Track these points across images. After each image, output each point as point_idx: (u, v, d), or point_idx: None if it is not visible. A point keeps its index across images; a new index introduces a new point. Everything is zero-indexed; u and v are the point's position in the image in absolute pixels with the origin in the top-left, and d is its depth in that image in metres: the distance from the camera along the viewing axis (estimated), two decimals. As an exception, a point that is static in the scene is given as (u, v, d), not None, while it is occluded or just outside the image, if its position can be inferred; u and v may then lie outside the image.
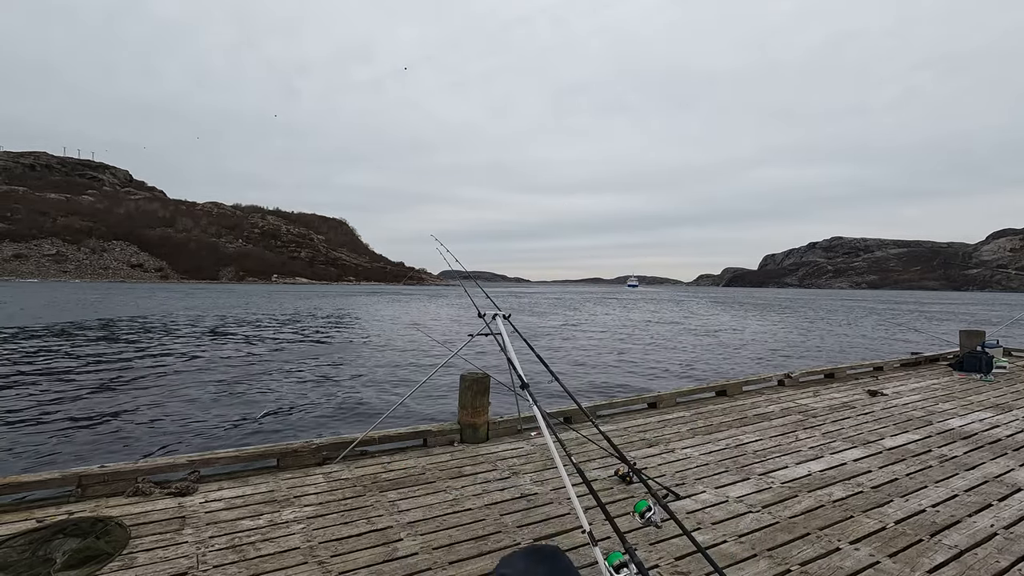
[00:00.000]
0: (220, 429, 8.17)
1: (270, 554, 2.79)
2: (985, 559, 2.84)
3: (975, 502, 3.56)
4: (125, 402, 9.81)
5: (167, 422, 8.48)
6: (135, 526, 3.03)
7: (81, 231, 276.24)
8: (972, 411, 6.07)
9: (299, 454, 4.15)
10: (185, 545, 2.86)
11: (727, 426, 5.39)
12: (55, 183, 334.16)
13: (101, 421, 8.47)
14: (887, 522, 3.25)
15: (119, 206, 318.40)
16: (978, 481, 3.94)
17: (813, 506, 3.50)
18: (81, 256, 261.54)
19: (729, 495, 3.67)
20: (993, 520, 3.29)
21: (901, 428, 5.36)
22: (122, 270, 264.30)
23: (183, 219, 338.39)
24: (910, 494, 3.70)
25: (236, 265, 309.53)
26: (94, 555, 2.69)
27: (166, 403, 9.83)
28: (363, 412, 9.31)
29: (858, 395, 6.86)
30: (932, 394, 6.97)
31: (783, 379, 7.55)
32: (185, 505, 3.34)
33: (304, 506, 3.40)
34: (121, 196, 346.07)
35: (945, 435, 5.12)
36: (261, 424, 8.40)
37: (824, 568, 2.74)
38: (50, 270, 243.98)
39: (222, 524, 3.11)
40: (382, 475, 3.97)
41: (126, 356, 16.09)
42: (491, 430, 4.87)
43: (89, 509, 3.24)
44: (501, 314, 3.35)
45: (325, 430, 8.19)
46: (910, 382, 7.79)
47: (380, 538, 3.00)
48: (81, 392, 10.63)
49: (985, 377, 8.04)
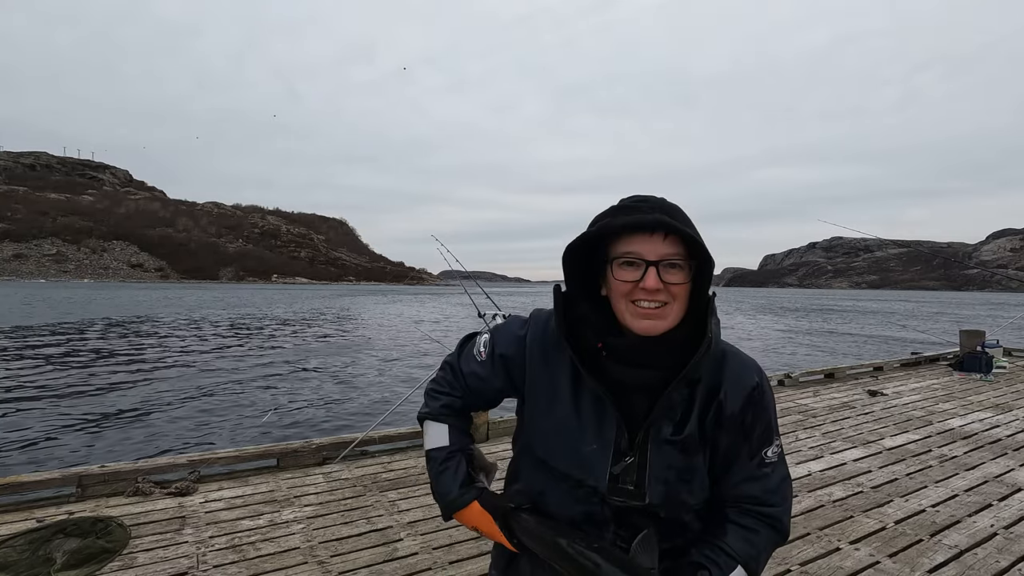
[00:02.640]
0: (220, 429, 8.18)
1: (270, 554, 2.79)
2: (985, 559, 2.83)
3: (975, 502, 3.56)
4: (125, 402, 9.82)
5: (167, 422, 8.49)
6: (135, 526, 3.03)
7: (81, 231, 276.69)
8: (972, 411, 6.06)
9: (299, 454, 4.15)
10: (185, 545, 2.85)
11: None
12: (55, 183, 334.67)
13: (101, 421, 8.48)
14: (887, 522, 3.25)
15: (119, 206, 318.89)
16: (978, 481, 3.93)
17: (813, 506, 3.49)
18: (81, 256, 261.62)
19: (729, 495, 3.67)
20: (993, 520, 3.29)
21: (901, 428, 5.36)
22: (122, 270, 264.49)
23: (183, 219, 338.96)
24: (910, 494, 3.70)
25: (236, 265, 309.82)
26: (94, 555, 2.69)
27: (166, 403, 9.84)
28: (363, 412, 9.32)
29: (858, 395, 6.86)
30: (932, 394, 6.97)
31: (783, 379, 7.55)
32: (185, 505, 3.34)
33: (304, 506, 3.39)
34: (121, 196, 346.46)
35: (945, 435, 5.12)
36: (261, 424, 8.40)
37: (824, 568, 2.74)
38: (50, 270, 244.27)
39: (222, 524, 3.11)
40: (382, 475, 3.97)
41: (126, 356, 16.10)
42: (491, 430, 4.88)
43: (89, 509, 3.24)
44: (501, 314, 3.35)
45: (325, 430, 8.19)
46: (910, 382, 7.79)
47: (380, 538, 3.00)
48: (81, 392, 10.63)
49: (985, 377, 8.04)
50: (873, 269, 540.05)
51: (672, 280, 0.90)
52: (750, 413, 0.98)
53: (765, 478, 0.99)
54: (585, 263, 0.98)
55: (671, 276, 0.90)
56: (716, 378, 0.99)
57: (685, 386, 0.96)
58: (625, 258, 0.90)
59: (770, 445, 1.00)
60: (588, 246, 0.96)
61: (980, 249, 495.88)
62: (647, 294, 0.89)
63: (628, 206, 0.94)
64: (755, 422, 0.99)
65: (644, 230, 0.90)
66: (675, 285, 0.90)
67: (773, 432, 1.01)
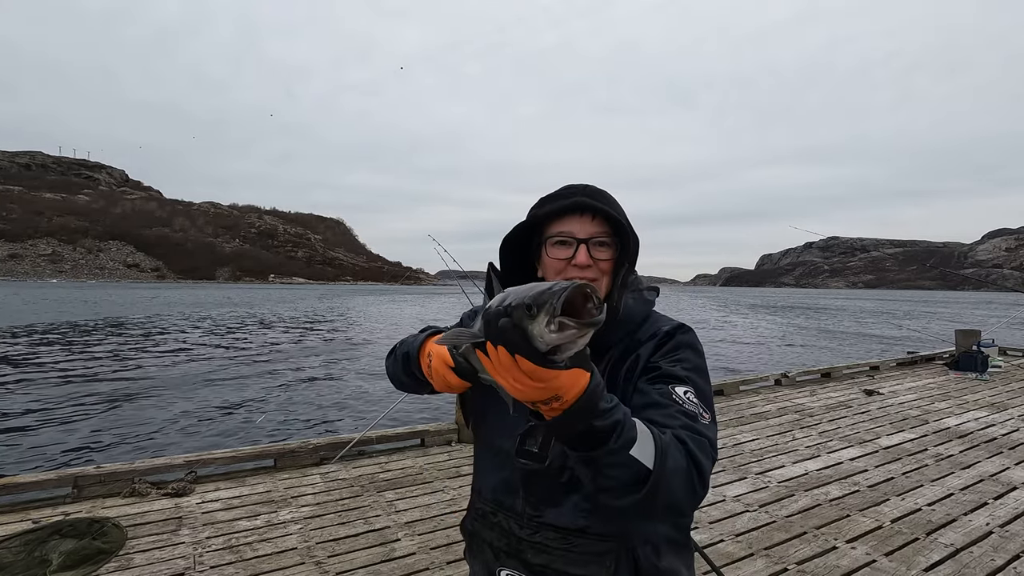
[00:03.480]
0: (217, 429, 8.15)
1: (267, 555, 2.79)
2: (980, 557, 2.85)
3: (971, 501, 3.57)
4: (121, 402, 9.78)
5: (164, 422, 8.46)
6: (132, 527, 3.02)
7: (77, 231, 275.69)
8: (968, 410, 6.09)
9: (296, 454, 4.14)
10: (182, 546, 2.85)
11: (724, 425, 5.40)
12: (51, 183, 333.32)
13: (97, 421, 8.45)
14: (883, 521, 3.26)
15: (115, 206, 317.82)
16: (974, 480, 3.95)
17: (810, 505, 3.51)
18: (77, 256, 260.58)
19: (726, 494, 3.68)
20: (988, 518, 3.30)
21: (897, 427, 5.38)
22: (118, 270, 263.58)
23: (179, 219, 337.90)
24: (906, 493, 3.71)
25: (233, 265, 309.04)
26: (90, 556, 2.68)
27: (163, 403, 9.81)
28: (360, 412, 9.31)
29: (854, 394, 6.88)
30: (928, 393, 6.99)
31: (780, 378, 7.57)
32: (182, 506, 3.33)
33: (301, 506, 3.39)
34: (117, 196, 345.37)
35: (941, 434, 5.14)
36: (258, 424, 8.38)
37: (821, 567, 2.74)
38: (45, 270, 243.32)
39: (219, 525, 3.10)
40: (380, 475, 3.96)
41: (121, 355, 16.05)
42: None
43: (85, 510, 3.23)
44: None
45: (322, 430, 8.18)
46: (906, 381, 7.82)
47: (378, 538, 3.00)
48: (77, 393, 10.59)
49: (980, 376, 8.07)
50: (869, 269, 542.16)
51: (600, 256, 1.00)
52: (660, 357, 0.97)
53: (669, 408, 0.88)
54: (520, 253, 1.09)
55: (599, 253, 1.00)
56: (632, 340, 1.02)
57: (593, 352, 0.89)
58: (558, 237, 1.00)
59: (682, 384, 0.92)
60: (525, 235, 1.06)
61: (976, 249, 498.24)
62: (579, 270, 0.98)
63: (558, 193, 1.06)
64: (663, 363, 0.96)
65: (574, 212, 1.00)
66: (603, 261, 1.00)
67: (690, 378, 0.94)
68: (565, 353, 0.66)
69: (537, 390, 0.67)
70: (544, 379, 0.65)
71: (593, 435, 0.71)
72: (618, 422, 0.72)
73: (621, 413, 0.74)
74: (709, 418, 0.91)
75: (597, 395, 0.70)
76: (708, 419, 0.90)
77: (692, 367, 0.97)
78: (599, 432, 0.71)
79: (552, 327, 0.62)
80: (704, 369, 1.00)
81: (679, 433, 0.83)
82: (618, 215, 1.00)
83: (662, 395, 0.91)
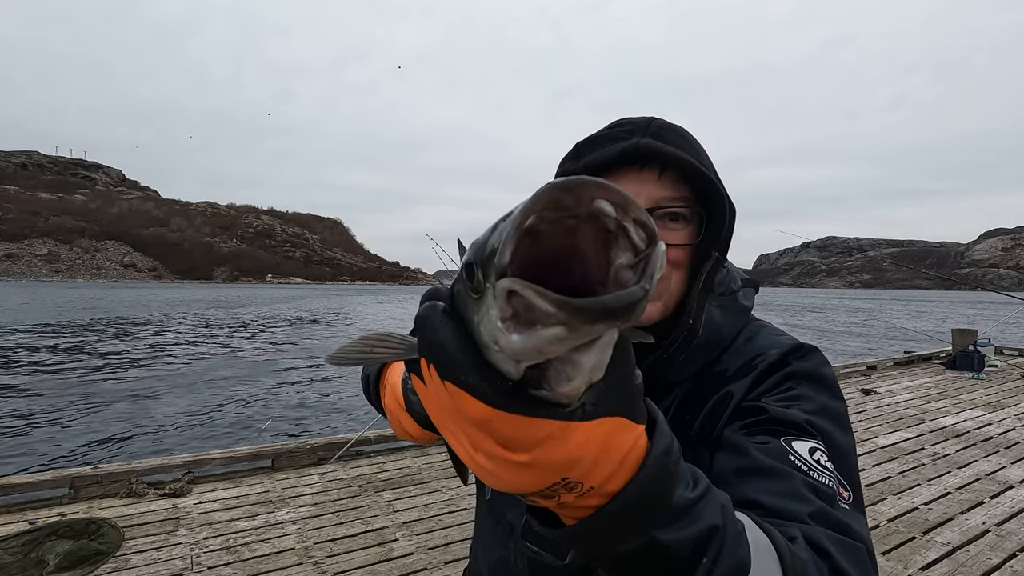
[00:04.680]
0: (214, 429, 8.14)
1: (265, 555, 2.78)
2: (977, 556, 2.86)
3: (967, 499, 3.59)
4: (118, 403, 9.75)
5: (161, 423, 8.43)
6: (129, 527, 3.01)
7: (73, 231, 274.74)
8: (964, 409, 6.11)
9: (294, 454, 4.13)
10: (179, 546, 2.84)
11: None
12: (47, 182, 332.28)
13: (94, 422, 8.42)
14: (880, 520, 3.27)
15: (112, 206, 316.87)
16: (970, 479, 3.97)
17: (807, 504, 3.51)
18: (73, 256, 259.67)
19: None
20: (985, 517, 3.31)
21: (894, 426, 5.39)
22: (115, 270, 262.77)
23: (177, 219, 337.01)
24: (903, 492, 3.72)
25: (230, 265, 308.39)
26: (87, 557, 2.67)
27: (160, 404, 9.78)
28: (358, 412, 9.29)
29: (852, 393, 6.90)
30: (925, 392, 7.01)
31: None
32: (179, 506, 3.32)
33: (299, 507, 3.38)
34: (114, 195, 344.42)
35: (937, 433, 5.16)
36: (256, 425, 8.37)
37: (818, 566, 2.75)
38: (42, 270, 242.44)
39: (216, 525, 3.10)
40: (377, 475, 3.96)
41: (118, 356, 16.00)
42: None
43: (82, 511, 3.21)
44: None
45: (320, 430, 8.17)
46: (903, 380, 7.84)
47: (376, 538, 3.00)
48: (74, 393, 10.56)
49: (977, 376, 8.10)
50: (866, 268, 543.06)
51: (672, 239, 0.61)
52: (765, 394, 0.62)
53: (786, 478, 0.52)
54: None
55: (670, 233, 0.61)
56: (717, 368, 0.67)
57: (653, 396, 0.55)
58: None
59: (804, 437, 0.57)
60: None
61: (972, 249, 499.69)
62: None
63: (606, 135, 0.64)
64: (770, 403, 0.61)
65: (632, 163, 0.60)
66: (675, 247, 0.61)
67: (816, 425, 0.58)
68: (565, 381, 0.29)
69: (517, 469, 0.32)
70: (527, 441, 0.31)
71: (661, 558, 0.36)
72: (714, 529, 0.37)
73: (717, 509, 0.38)
74: (851, 498, 0.54)
75: (667, 473, 0.35)
76: (850, 500, 0.54)
77: (818, 409, 0.60)
78: (673, 553, 0.36)
79: (507, 316, 0.27)
80: (840, 414, 0.62)
81: (814, 534, 0.46)
82: (706, 168, 0.62)
83: (770, 453, 0.54)
